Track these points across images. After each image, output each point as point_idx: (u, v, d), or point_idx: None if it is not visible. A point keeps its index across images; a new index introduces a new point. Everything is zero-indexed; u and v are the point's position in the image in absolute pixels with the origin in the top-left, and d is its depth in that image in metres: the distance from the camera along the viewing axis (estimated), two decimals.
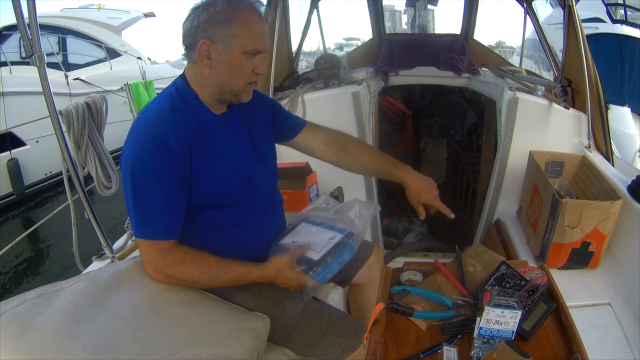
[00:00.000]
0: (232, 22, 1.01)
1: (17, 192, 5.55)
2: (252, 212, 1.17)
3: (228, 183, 1.11)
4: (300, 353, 1.16)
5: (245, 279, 1.08)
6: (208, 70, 1.05)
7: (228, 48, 1.02)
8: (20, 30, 1.18)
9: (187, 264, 1.05)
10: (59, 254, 4.41)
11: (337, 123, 2.25)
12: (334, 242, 1.13)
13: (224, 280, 1.07)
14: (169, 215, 1.03)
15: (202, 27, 1.01)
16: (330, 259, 1.10)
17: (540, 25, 2.80)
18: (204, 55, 1.03)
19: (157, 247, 1.03)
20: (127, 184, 1.02)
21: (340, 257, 1.12)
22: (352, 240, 1.15)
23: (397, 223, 2.75)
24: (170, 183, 1.01)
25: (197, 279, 1.06)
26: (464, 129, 3.84)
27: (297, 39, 2.78)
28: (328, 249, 1.11)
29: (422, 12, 4.16)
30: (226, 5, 1.02)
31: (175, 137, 1.00)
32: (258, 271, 1.08)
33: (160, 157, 0.99)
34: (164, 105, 1.06)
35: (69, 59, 7.36)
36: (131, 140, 1.02)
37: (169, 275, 1.06)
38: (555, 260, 1.58)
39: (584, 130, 2.12)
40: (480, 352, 0.78)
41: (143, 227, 1.03)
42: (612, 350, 1.27)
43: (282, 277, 1.08)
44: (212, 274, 1.06)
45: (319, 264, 1.08)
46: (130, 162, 1.01)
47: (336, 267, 1.12)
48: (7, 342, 0.88)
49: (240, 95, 1.10)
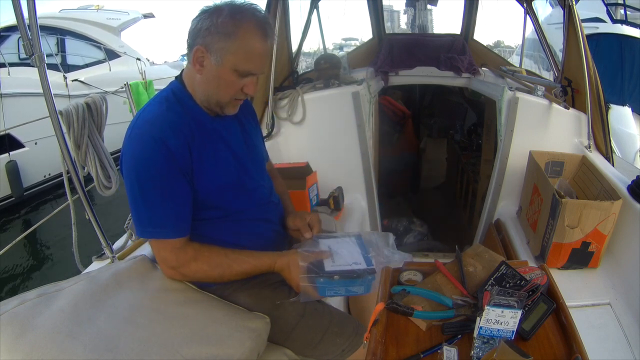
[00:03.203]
0: (231, 38, 1.00)
1: (16, 195, 5.51)
2: (250, 210, 1.18)
3: (224, 183, 1.11)
4: (301, 353, 1.15)
5: (256, 270, 1.10)
6: (199, 76, 1.06)
7: (220, 61, 1.02)
8: (20, 30, 1.18)
9: (199, 260, 1.06)
10: (59, 254, 4.41)
11: (337, 123, 2.28)
12: (354, 267, 1.09)
13: (235, 272, 1.09)
14: (177, 213, 1.04)
15: (202, 32, 1.01)
16: (338, 279, 1.06)
17: (540, 25, 2.80)
18: (197, 61, 1.04)
19: (170, 246, 1.04)
20: (132, 187, 1.02)
21: (350, 285, 1.08)
22: (372, 278, 1.09)
23: (397, 223, 2.76)
24: (175, 181, 1.02)
25: (210, 274, 1.08)
26: (464, 129, 3.84)
27: (297, 39, 2.78)
28: (342, 269, 1.08)
29: (422, 12, 4.16)
30: (230, 18, 1.00)
31: (175, 138, 1.01)
32: (268, 262, 1.10)
33: (163, 158, 1.00)
34: (161, 107, 1.06)
35: (68, 60, 7.35)
36: (131, 143, 1.02)
37: (184, 274, 1.08)
38: (555, 260, 1.58)
39: (584, 130, 2.12)
40: (480, 352, 0.78)
41: (153, 227, 1.03)
42: (612, 350, 1.27)
43: (287, 274, 1.09)
44: (223, 268, 1.08)
45: (323, 276, 1.06)
46: (133, 164, 1.01)
47: (342, 291, 1.09)
48: (7, 342, 0.88)
49: (225, 108, 1.10)
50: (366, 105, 2.24)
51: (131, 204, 1.04)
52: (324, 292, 1.08)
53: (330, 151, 2.27)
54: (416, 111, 4.15)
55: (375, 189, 2.36)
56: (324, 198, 2.05)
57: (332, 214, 1.99)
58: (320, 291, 1.07)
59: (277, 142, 2.28)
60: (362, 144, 2.24)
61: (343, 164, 2.29)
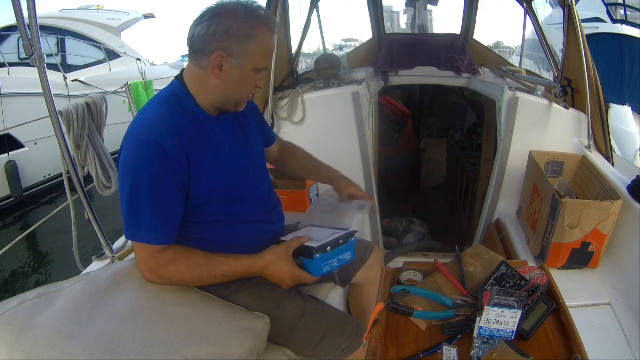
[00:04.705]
0: (251, 40, 1.02)
1: (15, 195, 5.49)
2: (248, 212, 1.17)
3: (224, 184, 1.11)
4: (301, 353, 1.16)
5: (235, 272, 1.08)
6: (216, 80, 1.05)
7: (242, 64, 1.03)
8: (20, 30, 1.18)
9: (178, 262, 1.05)
10: (59, 254, 4.41)
11: (337, 123, 2.28)
12: (336, 235, 1.11)
13: (214, 274, 1.07)
14: (162, 220, 1.03)
15: (219, 37, 1.01)
16: (331, 250, 1.07)
17: (540, 25, 2.80)
18: (216, 66, 1.03)
19: (150, 249, 1.04)
20: (123, 187, 1.02)
21: (340, 254, 1.10)
22: (355, 239, 1.13)
23: (397, 223, 2.75)
24: (166, 187, 1.01)
25: (189, 276, 1.06)
26: (464, 129, 3.84)
27: (297, 39, 2.78)
28: (329, 240, 1.09)
29: (422, 12, 4.16)
30: (247, 20, 1.01)
31: (172, 141, 1.00)
32: (249, 261, 1.08)
33: (157, 161, 0.99)
34: (160, 109, 1.05)
35: (68, 60, 7.33)
36: (128, 144, 1.02)
37: (162, 276, 1.06)
38: (555, 260, 1.58)
39: (584, 130, 2.12)
40: (480, 352, 0.78)
41: (137, 230, 1.02)
42: (612, 350, 1.27)
43: (275, 268, 1.07)
44: (202, 270, 1.06)
45: (318, 251, 1.06)
46: (126, 166, 1.01)
47: (335, 263, 1.10)
48: (7, 342, 0.88)
49: (240, 105, 1.14)
50: (366, 105, 2.24)
51: (122, 204, 1.04)
52: (320, 270, 1.07)
53: (330, 151, 2.26)
54: (416, 111, 4.14)
55: (375, 189, 2.36)
56: None
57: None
58: (316, 270, 1.07)
59: None
60: (362, 144, 2.24)
61: (343, 164, 2.27)
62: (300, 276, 1.08)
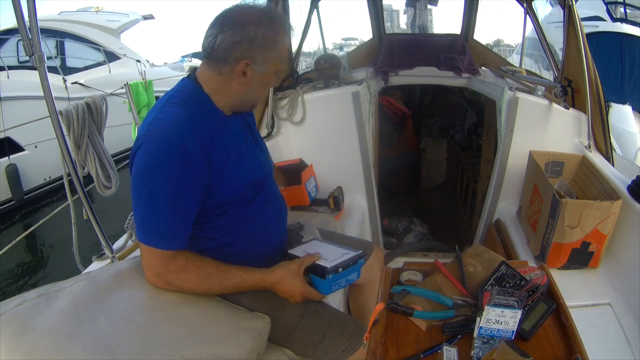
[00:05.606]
0: (275, 47, 1.05)
1: (16, 198, 5.47)
2: (262, 208, 1.18)
3: (245, 181, 1.11)
4: (301, 353, 1.15)
5: (246, 284, 1.07)
6: (237, 86, 1.06)
7: (265, 69, 1.06)
8: (20, 30, 1.18)
9: (188, 270, 1.03)
10: (59, 254, 4.42)
11: (337, 123, 2.28)
12: (347, 256, 1.11)
13: (225, 285, 1.06)
14: (177, 226, 1.01)
15: (244, 45, 1.01)
16: (342, 271, 1.08)
17: (540, 25, 2.80)
18: (240, 73, 1.04)
19: (160, 254, 1.01)
20: (140, 189, 1.00)
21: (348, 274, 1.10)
22: (363, 261, 1.14)
23: (397, 223, 2.75)
24: (186, 194, 1.00)
25: (198, 285, 1.04)
26: (464, 129, 3.84)
27: (297, 39, 2.78)
28: (341, 261, 1.10)
29: (422, 12, 4.16)
30: (270, 28, 1.03)
31: (195, 144, 0.99)
32: (261, 275, 1.07)
33: (180, 167, 0.97)
34: (181, 109, 1.03)
35: (68, 62, 7.31)
36: (149, 145, 0.99)
37: (169, 282, 1.04)
38: (555, 260, 1.58)
39: (584, 130, 2.12)
40: (480, 352, 0.78)
41: (150, 234, 1.00)
42: (612, 350, 1.27)
43: (287, 285, 1.06)
44: (213, 280, 1.04)
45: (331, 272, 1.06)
46: (147, 168, 0.99)
47: (342, 283, 1.11)
48: (7, 342, 0.88)
49: (255, 106, 1.19)
50: (366, 105, 2.24)
51: (136, 205, 1.01)
52: (329, 289, 1.09)
53: (330, 151, 2.27)
54: (416, 111, 4.15)
55: (375, 188, 2.36)
56: (324, 198, 2.05)
57: (332, 214, 1.99)
58: (326, 289, 1.08)
59: (277, 142, 2.28)
60: (362, 144, 2.24)
61: (343, 164, 2.29)
62: (310, 294, 1.08)
